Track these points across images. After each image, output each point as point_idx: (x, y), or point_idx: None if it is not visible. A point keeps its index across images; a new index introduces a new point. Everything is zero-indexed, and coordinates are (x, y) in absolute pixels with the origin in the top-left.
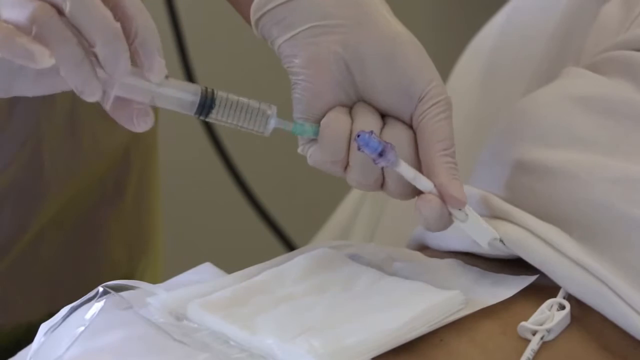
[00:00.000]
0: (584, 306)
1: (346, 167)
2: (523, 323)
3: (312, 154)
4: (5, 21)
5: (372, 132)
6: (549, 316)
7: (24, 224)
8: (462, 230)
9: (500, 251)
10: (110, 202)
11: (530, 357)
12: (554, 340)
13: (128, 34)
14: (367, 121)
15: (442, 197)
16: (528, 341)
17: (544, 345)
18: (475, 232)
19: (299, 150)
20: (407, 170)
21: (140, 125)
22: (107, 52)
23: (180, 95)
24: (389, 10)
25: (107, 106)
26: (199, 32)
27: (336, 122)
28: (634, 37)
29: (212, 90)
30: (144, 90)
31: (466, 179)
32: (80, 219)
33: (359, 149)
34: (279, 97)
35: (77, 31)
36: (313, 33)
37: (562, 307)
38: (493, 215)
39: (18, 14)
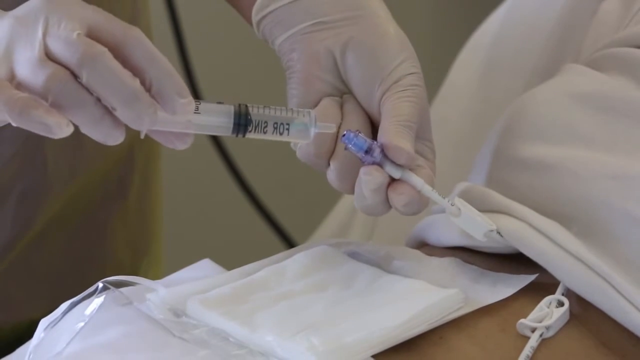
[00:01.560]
0: (582, 303)
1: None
2: (522, 320)
3: (300, 147)
4: (20, 84)
5: (358, 131)
6: (548, 313)
7: (27, 222)
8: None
9: (497, 243)
10: (113, 201)
11: (530, 355)
12: (553, 337)
13: (143, 84)
14: (354, 119)
15: (386, 153)
16: (527, 338)
17: (543, 342)
18: (469, 225)
19: (292, 145)
20: (394, 170)
21: (182, 145)
22: (129, 115)
23: (214, 122)
24: (387, 11)
25: (142, 135)
26: (198, 32)
27: (322, 114)
28: (633, 34)
29: (246, 106)
30: (176, 123)
31: (465, 175)
32: (84, 217)
33: (345, 148)
34: (280, 96)
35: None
36: (310, 30)
37: (560, 304)
38: (492, 210)
39: (33, 78)
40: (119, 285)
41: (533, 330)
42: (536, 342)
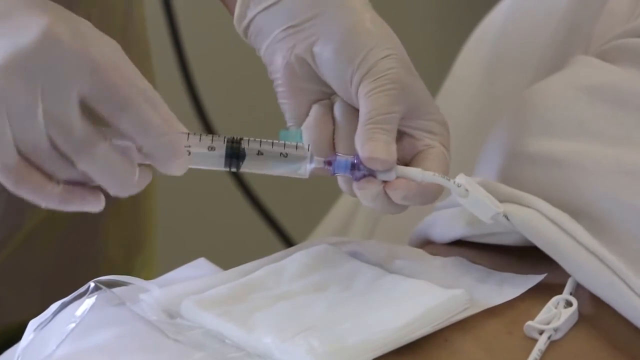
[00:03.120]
0: (592, 302)
1: None
2: (529, 322)
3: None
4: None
5: (335, 155)
6: (556, 314)
7: (18, 221)
8: (464, 206)
9: (505, 229)
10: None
11: (538, 358)
12: (561, 338)
13: (136, 146)
14: (345, 121)
15: (367, 167)
16: (535, 341)
17: (552, 344)
18: (476, 207)
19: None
20: (385, 174)
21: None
22: (120, 193)
23: (206, 163)
24: (359, 1)
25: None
26: (197, 36)
27: (313, 126)
28: None
29: (239, 142)
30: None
31: (469, 170)
32: (76, 216)
33: (333, 174)
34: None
35: None
36: (282, 36)
37: (569, 304)
38: (500, 199)
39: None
40: (111, 285)
41: (541, 332)
42: (544, 345)
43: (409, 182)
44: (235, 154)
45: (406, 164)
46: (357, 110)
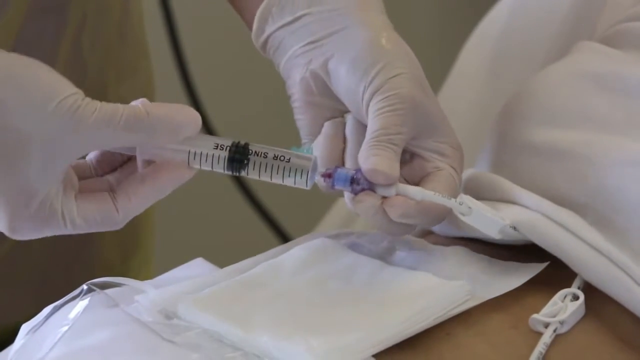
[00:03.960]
0: (599, 296)
1: None
2: (535, 315)
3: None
4: None
5: (336, 167)
6: (562, 307)
7: None
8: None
9: (512, 237)
10: None
11: (543, 351)
12: (567, 332)
13: None
14: (354, 139)
15: (369, 179)
16: (540, 334)
17: (557, 338)
18: (482, 224)
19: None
20: (384, 190)
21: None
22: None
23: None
24: (380, 20)
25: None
26: (194, 32)
27: (323, 145)
28: None
29: (245, 148)
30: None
31: (472, 165)
32: None
33: (332, 187)
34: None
35: None
36: (301, 52)
37: (576, 298)
38: (502, 199)
39: None
40: (105, 286)
41: (546, 325)
42: (550, 338)
43: (406, 200)
44: (238, 159)
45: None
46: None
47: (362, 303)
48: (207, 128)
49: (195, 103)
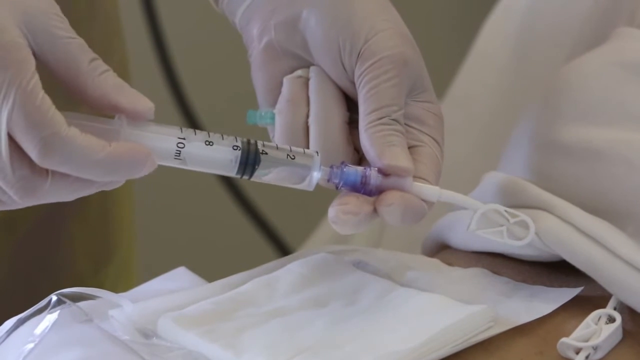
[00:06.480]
0: (638, 319)
1: None
2: (564, 339)
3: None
4: None
5: (343, 163)
6: (596, 330)
7: None
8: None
9: (538, 252)
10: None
11: None
12: (602, 359)
13: None
14: (321, 98)
15: (384, 172)
16: None
17: None
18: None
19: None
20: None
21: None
22: None
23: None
24: None
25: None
26: (176, 20)
27: (287, 111)
28: None
29: (255, 145)
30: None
31: (494, 164)
32: (35, 220)
33: (337, 187)
34: None
35: None
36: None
37: (611, 320)
38: (529, 205)
39: None
40: (76, 298)
41: (577, 351)
42: None
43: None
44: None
45: None
46: (337, 87)
47: (368, 327)
48: (186, 111)
49: (174, 86)
